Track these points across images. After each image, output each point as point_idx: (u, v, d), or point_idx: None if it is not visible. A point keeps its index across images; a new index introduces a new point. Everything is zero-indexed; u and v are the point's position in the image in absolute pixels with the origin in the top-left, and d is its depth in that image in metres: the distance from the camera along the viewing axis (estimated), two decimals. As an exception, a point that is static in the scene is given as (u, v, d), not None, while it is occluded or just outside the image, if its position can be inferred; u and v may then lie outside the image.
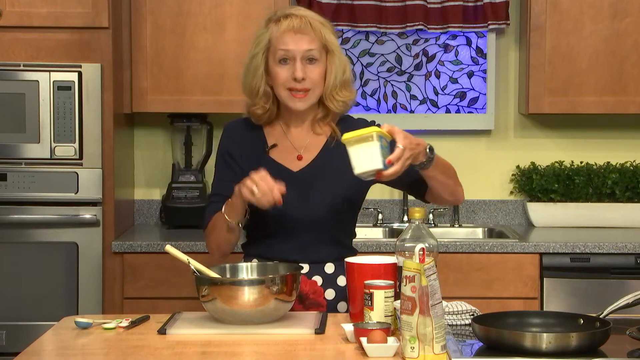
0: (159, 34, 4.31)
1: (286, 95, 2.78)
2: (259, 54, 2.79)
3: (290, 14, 2.78)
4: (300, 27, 2.75)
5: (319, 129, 2.86)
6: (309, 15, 2.79)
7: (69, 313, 3.87)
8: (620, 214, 4.50)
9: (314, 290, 2.79)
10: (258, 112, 2.84)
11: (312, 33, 2.75)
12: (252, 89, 2.82)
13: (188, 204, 4.44)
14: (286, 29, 2.75)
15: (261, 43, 2.79)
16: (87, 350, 2.37)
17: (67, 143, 4.01)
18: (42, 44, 4.04)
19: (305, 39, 2.75)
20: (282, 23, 2.76)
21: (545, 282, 4.07)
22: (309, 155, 2.84)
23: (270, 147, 2.85)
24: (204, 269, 2.58)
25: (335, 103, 2.82)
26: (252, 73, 2.81)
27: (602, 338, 2.29)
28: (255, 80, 2.81)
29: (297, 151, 2.84)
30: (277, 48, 2.76)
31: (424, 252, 2.27)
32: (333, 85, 2.80)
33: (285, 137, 2.86)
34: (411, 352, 2.19)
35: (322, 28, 2.77)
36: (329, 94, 2.80)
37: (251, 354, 2.33)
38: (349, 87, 2.84)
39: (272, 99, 2.83)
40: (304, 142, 2.85)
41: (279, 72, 2.77)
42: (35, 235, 4.02)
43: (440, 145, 4.68)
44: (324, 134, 2.86)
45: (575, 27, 4.37)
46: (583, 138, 4.70)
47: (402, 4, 4.55)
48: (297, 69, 2.74)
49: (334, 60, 2.79)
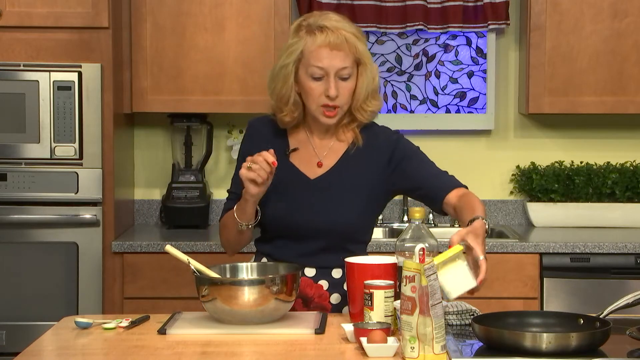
0: (159, 34, 4.31)
1: (317, 110, 2.75)
2: (290, 64, 2.74)
3: (325, 27, 2.70)
4: (335, 43, 2.69)
5: (342, 135, 2.84)
6: (343, 27, 2.72)
7: (69, 313, 3.87)
8: (620, 214, 4.50)
9: (320, 294, 2.79)
10: (286, 120, 2.81)
11: (347, 49, 2.70)
12: (282, 97, 2.78)
13: (188, 204, 4.44)
14: (321, 44, 2.70)
15: (293, 54, 2.73)
16: (87, 350, 2.37)
17: (67, 143, 4.01)
18: (42, 44, 4.04)
19: (339, 56, 2.70)
20: (317, 37, 2.70)
21: (545, 282, 4.07)
22: (329, 162, 2.82)
23: (291, 151, 2.83)
24: (204, 269, 2.58)
25: (363, 114, 2.80)
26: (282, 82, 2.77)
27: (602, 338, 2.29)
28: (285, 89, 2.76)
29: (318, 157, 2.83)
30: (311, 64, 2.71)
31: (424, 252, 2.27)
32: (364, 98, 2.77)
33: (308, 142, 2.84)
34: (411, 352, 2.19)
35: (356, 42, 2.72)
36: (358, 107, 2.78)
37: (251, 354, 2.33)
38: (377, 95, 2.81)
39: (301, 107, 2.80)
40: (326, 149, 2.84)
41: (312, 87, 2.73)
42: (35, 235, 4.02)
43: (440, 145, 4.70)
44: (346, 141, 2.84)
45: (575, 27, 4.37)
46: (583, 138, 4.70)
47: (402, 4, 4.55)
48: (331, 87, 2.71)
49: (365, 72, 2.76)
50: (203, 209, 4.46)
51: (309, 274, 2.80)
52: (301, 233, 2.79)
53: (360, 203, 2.79)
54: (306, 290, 2.77)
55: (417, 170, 2.80)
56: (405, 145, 2.85)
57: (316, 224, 2.78)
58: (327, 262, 2.79)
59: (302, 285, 2.76)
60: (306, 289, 2.77)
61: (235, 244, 2.86)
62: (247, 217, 2.73)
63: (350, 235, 2.82)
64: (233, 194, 2.86)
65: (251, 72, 4.30)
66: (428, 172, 2.82)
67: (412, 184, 2.81)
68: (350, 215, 2.78)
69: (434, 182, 2.78)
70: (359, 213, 2.80)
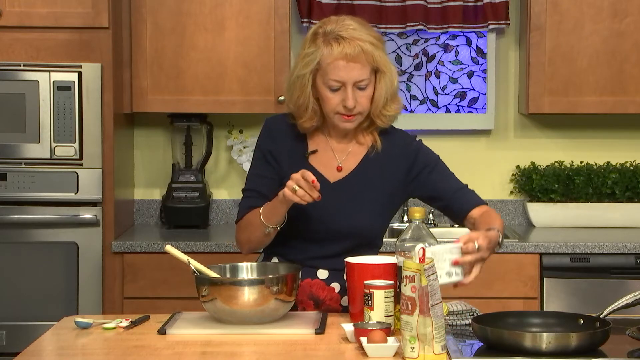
0: (159, 34, 4.31)
1: (335, 117, 2.74)
2: (307, 75, 2.72)
3: (341, 38, 2.68)
4: (352, 55, 2.66)
5: (362, 138, 2.83)
6: (359, 37, 2.69)
7: (69, 313, 3.87)
8: (620, 214, 4.50)
9: (331, 296, 2.78)
10: (305, 126, 2.79)
11: (364, 60, 2.68)
12: (300, 106, 2.76)
13: (188, 204, 4.44)
14: (338, 56, 2.67)
15: (310, 64, 2.71)
16: (87, 350, 2.37)
17: (67, 143, 4.01)
18: (42, 44, 4.04)
19: (357, 67, 2.68)
20: (333, 48, 2.67)
21: (545, 282, 4.07)
22: (348, 165, 2.81)
23: (311, 153, 2.81)
24: (204, 269, 2.58)
25: (383, 119, 2.78)
26: (299, 91, 2.74)
27: (602, 338, 2.29)
28: (303, 98, 2.74)
29: (338, 161, 2.82)
30: (329, 76, 2.69)
31: (424, 252, 2.27)
32: (383, 104, 2.76)
33: (327, 145, 2.83)
34: (411, 352, 2.19)
35: (374, 51, 2.69)
36: (378, 113, 2.77)
37: (251, 354, 2.33)
38: (397, 98, 2.79)
39: (319, 113, 2.78)
40: (345, 152, 2.83)
41: (330, 97, 2.71)
42: (35, 235, 4.02)
43: (440, 145, 4.67)
44: (365, 144, 2.83)
45: (575, 27, 4.37)
46: (583, 138, 4.70)
47: (402, 4, 4.55)
48: (349, 98, 2.69)
49: (383, 79, 2.73)
50: (203, 209, 4.46)
51: (321, 276, 2.79)
52: (318, 236, 2.77)
53: (379, 208, 2.79)
54: (318, 293, 2.77)
55: (439, 182, 2.81)
56: (426, 155, 2.85)
57: (336, 227, 2.76)
58: (341, 265, 2.73)
59: (315, 288, 2.77)
60: (318, 292, 2.77)
61: (256, 244, 2.81)
62: (277, 219, 2.69)
63: (368, 239, 2.81)
64: (252, 191, 2.82)
65: (251, 72, 4.30)
66: (450, 185, 2.82)
67: (432, 194, 2.83)
68: (370, 220, 2.78)
69: (457, 197, 2.79)
70: (377, 217, 2.79)
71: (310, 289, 2.76)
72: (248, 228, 2.78)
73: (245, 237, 2.81)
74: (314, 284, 2.77)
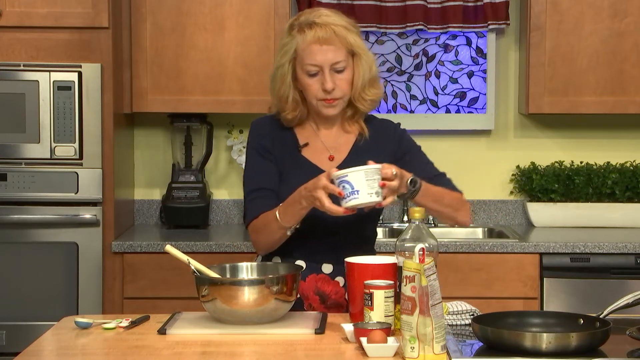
0: (159, 34, 4.31)
1: (318, 104, 2.80)
2: (286, 64, 2.79)
3: (314, 23, 2.75)
4: (325, 38, 2.73)
5: (348, 127, 2.88)
6: (332, 22, 2.76)
7: (69, 313, 3.87)
8: (620, 214, 4.50)
9: (336, 291, 2.79)
10: (289, 117, 2.84)
11: (338, 42, 2.74)
12: (281, 96, 2.82)
13: (188, 204, 4.44)
14: (311, 41, 2.74)
15: (287, 53, 2.78)
16: (87, 350, 2.37)
17: (67, 143, 4.01)
18: (42, 44, 4.04)
19: (331, 49, 2.74)
20: (306, 34, 2.75)
21: (545, 282, 4.07)
22: (340, 155, 2.85)
23: (303, 146, 2.85)
24: (204, 269, 2.58)
25: (364, 103, 2.83)
26: (280, 81, 2.81)
27: (602, 338, 2.29)
28: (284, 88, 2.81)
29: (329, 151, 2.86)
30: (305, 62, 2.75)
31: (424, 252, 2.27)
32: (361, 87, 2.81)
33: (316, 137, 2.87)
34: (411, 352, 2.19)
35: (346, 34, 2.76)
36: (357, 96, 2.82)
37: (251, 354, 2.33)
38: (376, 83, 2.85)
39: (301, 104, 2.83)
40: (335, 142, 2.87)
41: (310, 84, 2.77)
42: (35, 235, 4.02)
43: (440, 145, 4.70)
44: (353, 133, 2.88)
45: (575, 27, 4.37)
46: (583, 138, 4.70)
47: (402, 4, 4.55)
48: (327, 81, 2.75)
49: (360, 62, 2.79)
50: (203, 209, 4.46)
51: (326, 270, 2.81)
52: (319, 229, 2.77)
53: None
54: (324, 287, 2.78)
55: (418, 168, 2.82)
56: (409, 140, 2.92)
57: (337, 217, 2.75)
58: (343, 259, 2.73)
59: (320, 283, 2.78)
60: (324, 286, 2.78)
61: (275, 245, 2.80)
62: (297, 219, 2.69)
63: (366, 226, 2.86)
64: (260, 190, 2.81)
65: (251, 72, 4.30)
66: (428, 171, 2.86)
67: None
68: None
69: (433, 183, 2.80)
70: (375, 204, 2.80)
71: (316, 284, 2.78)
72: (265, 230, 2.77)
73: (264, 239, 2.79)
74: (319, 278, 2.78)
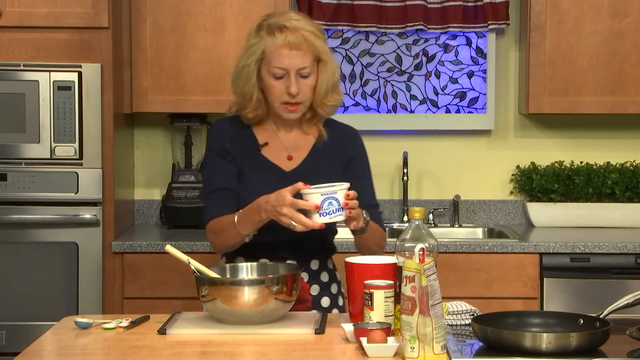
0: (159, 34, 4.31)
1: (280, 107, 2.84)
2: (252, 64, 2.82)
3: (285, 27, 2.78)
4: (295, 43, 2.77)
5: (307, 129, 2.93)
6: (302, 27, 2.80)
7: (69, 313, 3.87)
8: (620, 214, 4.50)
9: (301, 286, 2.80)
10: (250, 116, 2.89)
11: (306, 48, 2.79)
12: (245, 95, 2.86)
13: (188, 204, 4.44)
14: (281, 45, 2.78)
15: (255, 54, 2.82)
16: (87, 350, 2.37)
17: (67, 143, 4.01)
18: (42, 44, 4.04)
19: (299, 55, 2.78)
20: (277, 37, 2.78)
21: (545, 282, 4.07)
22: (299, 155, 2.90)
23: (262, 145, 2.89)
24: (204, 269, 2.58)
25: (325, 108, 2.88)
26: (245, 80, 2.85)
27: (602, 338, 2.29)
28: (248, 87, 2.84)
29: (287, 151, 2.90)
30: (273, 64, 2.79)
31: (424, 252, 2.27)
32: (324, 93, 2.85)
33: (276, 137, 2.91)
34: (411, 352, 2.19)
35: (315, 40, 2.80)
36: (319, 102, 2.86)
37: (251, 354, 2.33)
38: (337, 89, 2.90)
39: (264, 103, 2.87)
40: (294, 143, 2.91)
41: (274, 85, 2.81)
42: (35, 235, 4.02)
43: (440, 145, 4.70)
44: (311, 134, 2.92)
45: (575, 27, 4.37)
46: (583, 138, 4.69)
47: (402, 4, 4.55)
48: (292, 85, 2.79)
49: (325, 69, 2.84)
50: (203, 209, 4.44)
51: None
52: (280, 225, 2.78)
53: None
54: None
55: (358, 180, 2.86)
56: (361, 147, 2.97)
57: None
58: (307, 253, 2.84)
59: None
60: None
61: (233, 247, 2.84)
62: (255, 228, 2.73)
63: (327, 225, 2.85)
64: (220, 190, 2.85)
65: (251, 72, 4.30)
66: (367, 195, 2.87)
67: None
68: None
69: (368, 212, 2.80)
70: None
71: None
72: (224, 233, 2.80)
73: (222, 242, 2.83)
74: None
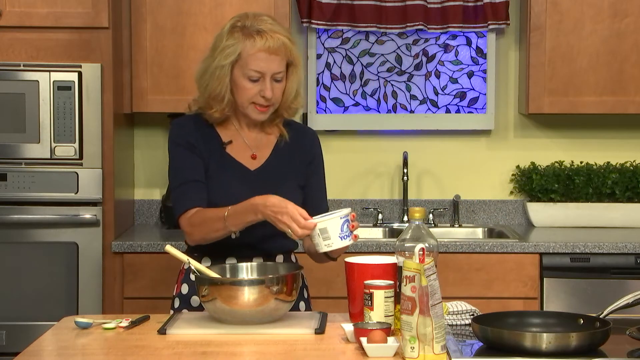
0: (159, 34, 4.31)
1: (249, 107, 2.85)
2: (227, 66, 2.82)
3: (263, 32, 2.80)
4: (274, 48, 2.80)
5: (268, 129, 2.96)
6: (279, 31, 2.82)
7: (69, 313, 3.87)
8: (620, 214, 4.50)
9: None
10: (216, 116, 2.89)
11: (283, 53, 2.82)
12: (216, 96, 2.85)
13: (188, 204, 4.43)
14: (261, 48, 2.79)
15: (231, 56, 2.81)
16: (87, 350, 2.37)
17: (67, 143, 4.01)
18: (42, 44, 4.04)
19: (277, 60, 2.81)
20: (256, 41, 2.79)
21: (545, 282, 4.07)
22: (262, 154, 2.92)
23: (227, 144, 2.91)
24: (204, 269, 2.58)
25: (289, 111, 2.94)
26: (217, 81, 2.84)
27: (602, 338, 2.29)
28: (220, 88, 2.84)
29: (251, 150, 2.92)
30: (249, 67, 2.80)
31: (424, 252, 2.27)
32: (293, 97, 2.90)
33: (239, 135, 2.93)
34: (411, 352, 2.19)
35: (292, 46, 2.85)
36: (286, 105, 2.90)
37: (251, 354, 2.33)
38: (300, 94, 2.95)
39: (233, 104, 2.88)
40: (257, 142, 2.94)
41: (248, 88, 2.82)
42: (35, 235, 4.02)
43: (440, 145, 4.70)
44: (273, 134, 2.96)
45: (575, 27, 4.37)
46: (583, 138, 4.70)
47: (402, 4, 4.55)
48: (267, 89, 2.81)
49: (295, 73, 2.88)
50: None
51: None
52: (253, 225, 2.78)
53: (295, 192, 2.88)
54: None
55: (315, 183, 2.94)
56: (319, 149, 3.01)
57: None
58: (272, 250, 2.87)
59: None
60: None
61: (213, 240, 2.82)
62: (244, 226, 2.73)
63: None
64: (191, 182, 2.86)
65: (251, 72, 4.30)
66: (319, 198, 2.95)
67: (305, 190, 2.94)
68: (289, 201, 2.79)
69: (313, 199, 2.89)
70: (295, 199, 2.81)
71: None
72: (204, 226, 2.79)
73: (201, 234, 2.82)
74: None
